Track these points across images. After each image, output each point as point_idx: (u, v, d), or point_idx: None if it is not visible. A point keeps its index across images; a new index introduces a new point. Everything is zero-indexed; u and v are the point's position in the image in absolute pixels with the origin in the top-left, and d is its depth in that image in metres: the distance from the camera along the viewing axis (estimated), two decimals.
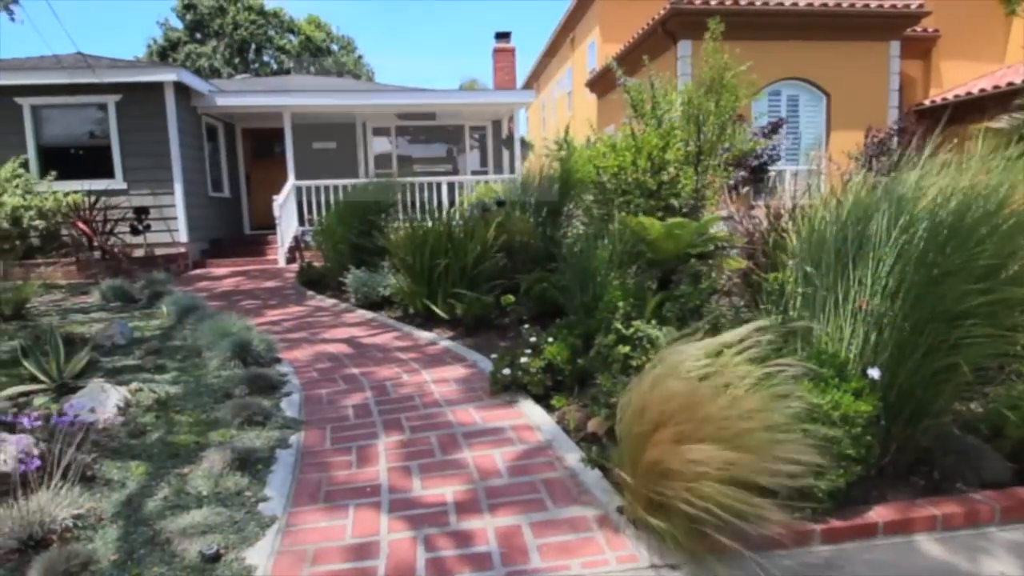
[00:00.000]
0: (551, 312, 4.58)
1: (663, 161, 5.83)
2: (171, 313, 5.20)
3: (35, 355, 3.39)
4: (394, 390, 3.63)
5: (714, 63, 5.63)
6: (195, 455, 2.67)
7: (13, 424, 2.77)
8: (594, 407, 2.80)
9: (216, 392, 3.42)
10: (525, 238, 5.73)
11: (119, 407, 3.00)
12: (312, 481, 2.58)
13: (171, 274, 7.91)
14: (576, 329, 3.55)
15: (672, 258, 4.36)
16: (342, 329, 5.25)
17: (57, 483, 2.21)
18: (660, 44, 11.75)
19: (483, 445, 2.84)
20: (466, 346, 4.45)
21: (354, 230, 6.96)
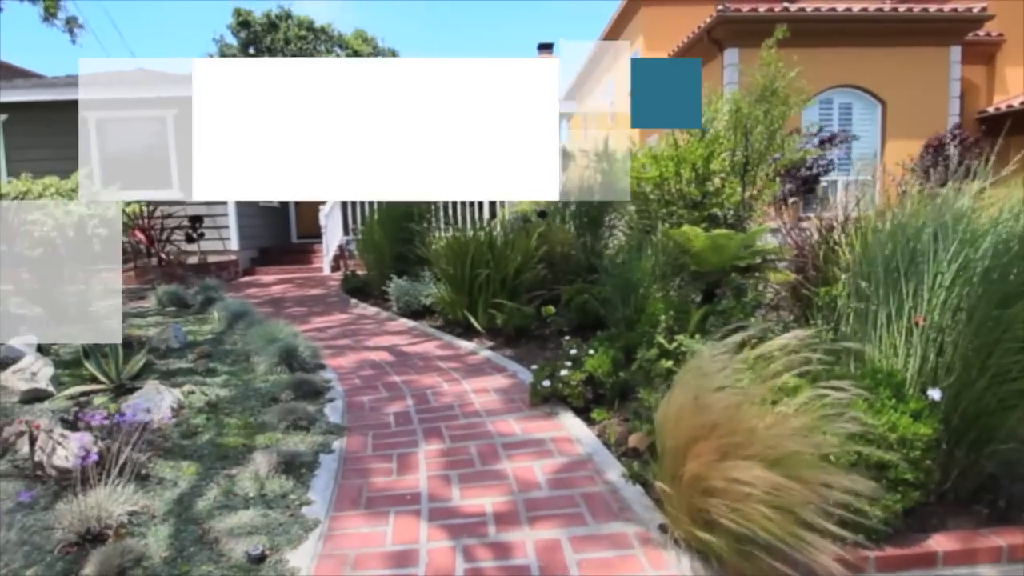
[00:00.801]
0: (592, 324, 4.54)
1: (708, 171, 5.74)
2: (222, 318, 5.38)
3: (96, 357, 3.55)
4: (435, 399, 3.66)
5: (764, 71, 5.52)
6: (243, 457, 2.75)
7: (75, 422, 2.92)
8: (635, 421, 2.76)
9: (263, 396, 3.52)
10: (566, 249, 5.71)
11: (173, 408, 3.12)
12: (354, 487, 2.62)
13: (223, 281, 8.19)
14: (617, 342, 3.51)
15: (717, 271, 4.27)
16: (384, 337, 5.33)
17: (114, 480, 2.30)
18: (706, 52, 11.60)
19: (523, 457, 2.83)
20: (506, 356, 4.45)
21: (396, 239, 7.08)
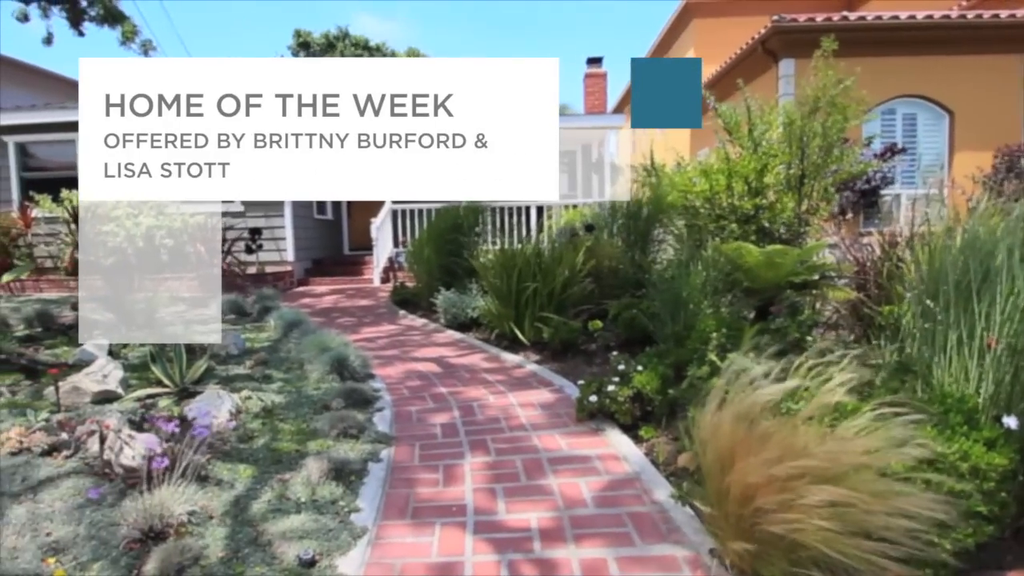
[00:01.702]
0: (639, 339, 4.48)
1: (761, 185, 5.61)
2: (278, 327, 5.57)
3: (162, 361, 3.73)
4: (480, 411, 3.68)
5: (820, 81, 5.36)
6: (295, 462, 2.82)
7: (141, 423, 3.07)
8: (685, 440, 2.69)
9: (315, 403, 3.61)
10: (613, 263, 5.67)
11: (231, 413, 3.24)
12: (401, 496, 2.65)
13: (278, 290, 8.49)
14: (667, 358, 3.44)
15: (771, 287, 4.16)
16: (432, 348, 5.40)
17: (176, 480, 2.41)
18: (760, 63, 11.38)
19: (568, 473, 2.81)
20: (552, 371, 4.44)
21: (444, 252, 7.18)
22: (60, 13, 9.09)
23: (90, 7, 9.02)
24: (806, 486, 1.79)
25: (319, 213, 12.04)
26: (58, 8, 9.03)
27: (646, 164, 7.50)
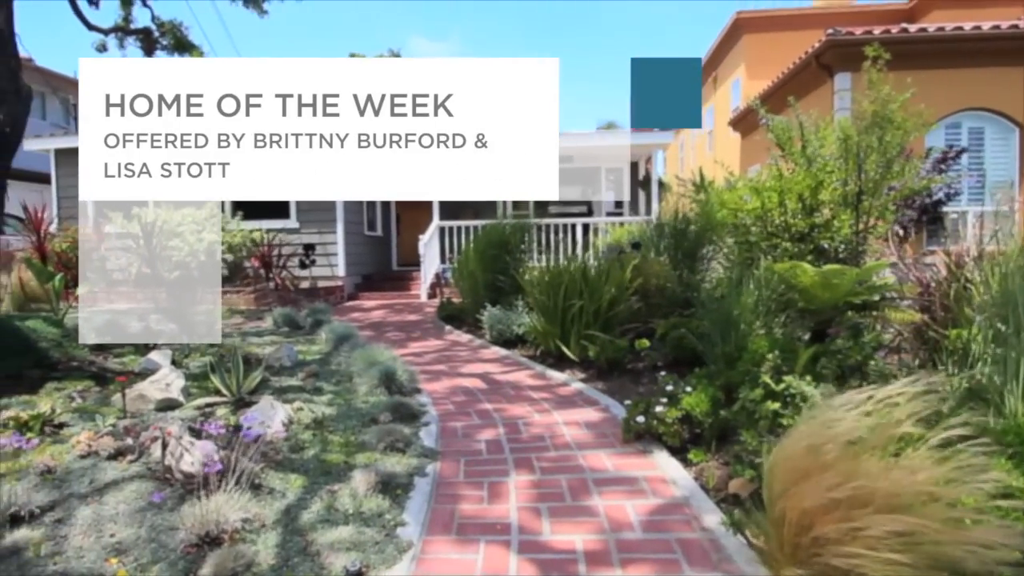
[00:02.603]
0: (688, 360, 4.39)
1: (816, 202, 5.45)
2: (329, 340, 5.72)
3: (220, 371, 3.88)
4: (525, 429, 3.66)
5: (876, 95, 5.19)
6: (344, 474, 2.87)
7: (200, 431, 3.19)
8: (737, 466, 2.62)
9: (364, 416, 3.68)
10: (661, 281, 5.59)
11: (284, 423, 3.33)
12: (446, 511, 2.66)
13: (330, 304, 8.73)
14: (717, 380, 3.36)
15: (828, 308, 4.01)
16: (477, 364, 5.43)
17: (231, 488, 2.49)
18: (814, 78, 11.11)
19: (614, 494, 2.76)
20: (598, 389, 4.39)
21: (490, 269, 7.23)
22: (135, 43, 9.72)
23: (162, 37, 9.62)
24: (871, 516, 1.70)
25: (369, 230, 12.35)
26: (133, 39, 9.66)
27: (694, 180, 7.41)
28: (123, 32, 9.41)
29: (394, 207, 13.77)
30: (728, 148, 17.43)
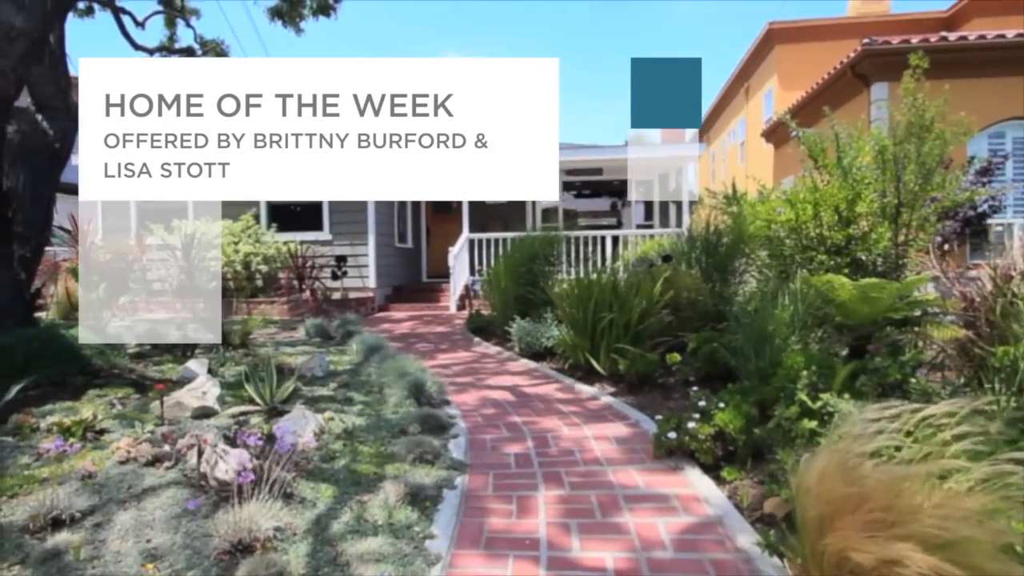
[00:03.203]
0: (720, 375, 4.31)
1: (853, 214, 5.33)
2: (359, 351, 5.78)
3: (254, 380, 3.95)
4: (554, 443, 3.64)
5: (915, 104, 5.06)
6: (374, 485, 2.89)
7: (234, 439, 3.24)
8: (772, 485, 2.55)
9: (393, 427, 3.70)
10: (692, 294, 5.52)
11: (315, 433, 3.37)
12: (474, 525, 2.65)
13: (360, 315, 8.84)
14: (751, 396, 3.29)
15: (867, 323, 3.90)
16: (506, 377, 5.42)
17: (264, 496, 2.52)
18: (850, 88, 10.91)
19: (645, 512, 2.71)
20: (628, 404, 4.34)
21: (519, 281, 7.24)
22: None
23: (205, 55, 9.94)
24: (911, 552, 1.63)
25: (400, 241, 12.51)
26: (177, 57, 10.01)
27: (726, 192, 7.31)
28: (167, 51, 9.76)
29: (424, 219, 13.93)
30: (761, 159, 17.19)
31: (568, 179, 13.81)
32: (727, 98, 22.30)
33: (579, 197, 14.52)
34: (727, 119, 22.84)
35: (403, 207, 12.81)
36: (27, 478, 2.83)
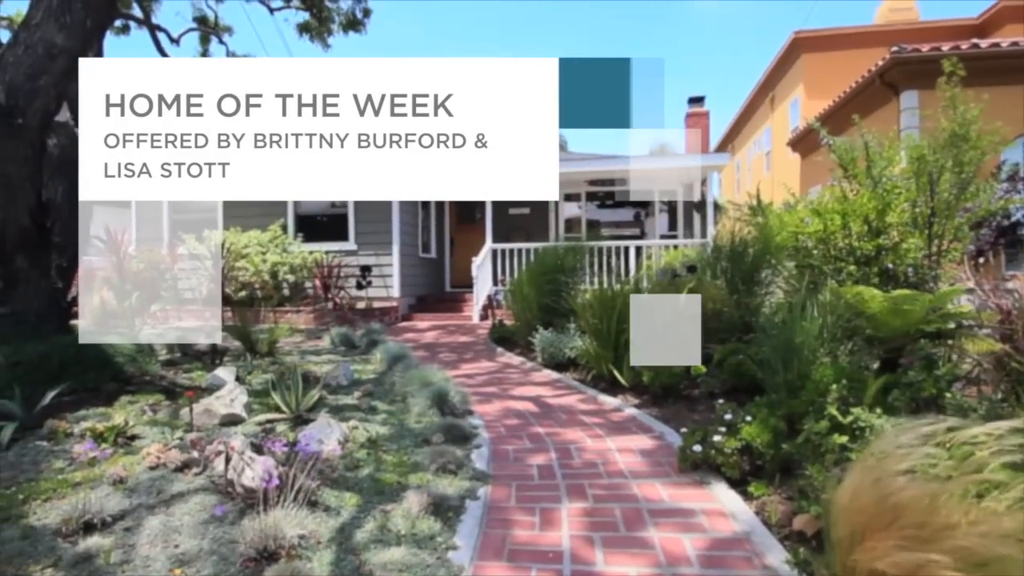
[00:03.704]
0: (746, 387, 4.24)
1: (883, 225, 5.22)
2: (383, 360, 5.83)
3: (281, 389, 4.01)
4: (578, 455, 3.61)
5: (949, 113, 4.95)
6: (397, 494, 2.90)
7: (260, 446, 3.28)
8: (802, 501, 2.49)
9: (416, 437, 3.71)
10: (717, 306, 5.45)
11: (340, 442, 3.40)
12: (497, 536, 2.64)
13: (384, 325, 8.91)
14: (778, 409, 3.23)
15: (898, 336, 3.81)
16: (529, 387, 5.41)
17: (289, 504, 2.54)
18: (878, 96, 10.73)
19: (670, 526, 2.67)
20: (652, 416, 4.29)
21: (542, 291, 7.23)
22: None
23: None
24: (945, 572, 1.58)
25: (424, 252, 12.61)
26: None
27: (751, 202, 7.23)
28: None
29: (448, 230, 14.02)
30: (787, 169, 16.97)
31: (591, 189, 13.79)
32: (752, 108, 22.09)
33: (602, 207, 14.48)
34: (752, 129, 22.62)
35: (427, 217, 12.92)
36: (61, 482, 2.91)
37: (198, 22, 10.57)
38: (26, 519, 2.57)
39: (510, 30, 72.99)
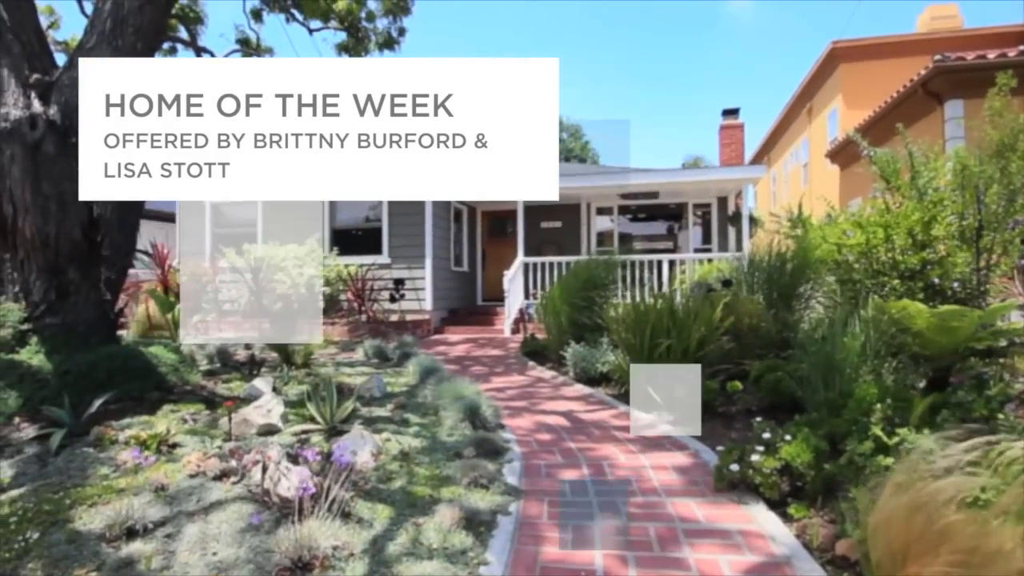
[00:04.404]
0: (785, 405, 4.14)
1: (929, 238, 5.05)
2: (416, 372, 5.87)
3: (316, 400, 4.07)
4: (611, 471, 3.56)
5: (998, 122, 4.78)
6: (429, 507, 2.90)
7: (296, 457, 3.33)
8: (845, 525, 2.40)
9: (448, 450, 3.72)
10: (754, 321, 5.33)
11: (372, 453, 3.43)
12: (529, 553, 2.61)
13: (417, 337, 8.99)
14: (820, 428, 3.13)
15: (946, 354, 3.66)
16: (561, 402, 5.37)
17: (323, 514, 2.57)
18: (921, 106, 10.44)
19: (707, 547, 2.60)
20: (687, 433, 4.20)
21: (574, 305, 7.20)
22: None
23: None
24: None
25: (456, 265, 12.71)
26: None
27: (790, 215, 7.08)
28: None
29: (480, 243, 14.11)
30: (825, 181, 16.59)
31: (623, 203, 13.71)
32: (788, 119, 21.73)
33: (635, 221, 14.38)
34: (789, 140, 22.23)
35: (459, 231, 13.03)
36: (105, 488, 3.00)
37: (241, 44, 10.95)
38: (72, 523, 2.66)
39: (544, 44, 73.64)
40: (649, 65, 73.48)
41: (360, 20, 10.62)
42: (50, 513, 2.74)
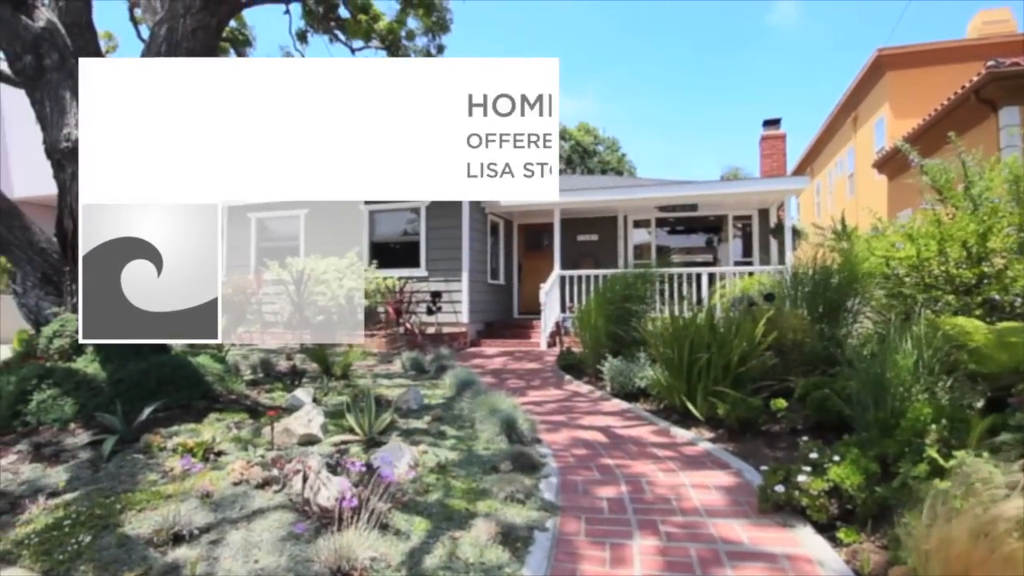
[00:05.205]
0: (832, 424, 3.99)
1: (984, 251, 4.84)
2: (452, 385, 5.89)
3: (355, 411, 4.12)
4: (649, 489, 3.49)
5: None
6: (465, 521, 2.89)
7: (336, 467, 3.38)
8: (899, 551, 2.29)
9: (485, 464, 3.71)
10: (799, 336, 5.18)
11: (410, 465, 3.45)
12: (566, 570, 2.57)
13: (453, 350, 9.04)
14: (870, 449, 3.00)
15: (1006, 372, 3.48)
16: (598, 417, 5.30)
17: (362, 525, 2.59)
18: (973, 114, 10.06)
19: (751, 570, 2.52)
20: (729, 451, 4.10)
21: (611, 319, 7.12)
22: None
23: None
24: None
25: (492, 278, 12.77)
26: None
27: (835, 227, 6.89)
28: None
29: (517, 257, 14.15)
30: (872, 192, 16.09)
31: (661, 215, 13.57)
32: (832, 128, 21.20)
33: (673, 233, 14.19)
34: (833, 150, 21.66)
35: (496, 244, 13.10)
36: (154, 494, 3.09)
37: None
38: (122, 528, 2.75)
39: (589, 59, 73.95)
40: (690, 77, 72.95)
41: (401, 39, 10.89)
42: (101, 517, 2.84)
